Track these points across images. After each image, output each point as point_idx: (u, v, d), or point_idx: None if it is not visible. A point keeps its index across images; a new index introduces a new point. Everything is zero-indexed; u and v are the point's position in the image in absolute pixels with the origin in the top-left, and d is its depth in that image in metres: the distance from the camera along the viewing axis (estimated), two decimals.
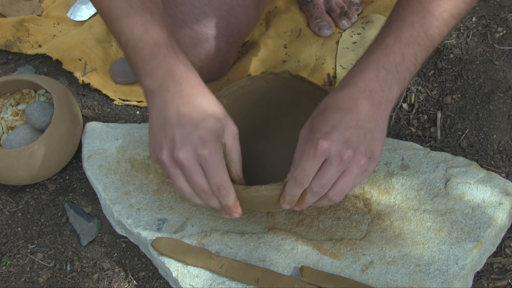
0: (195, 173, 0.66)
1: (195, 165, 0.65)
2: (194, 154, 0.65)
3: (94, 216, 0.90)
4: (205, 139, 0.65)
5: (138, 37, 0.67)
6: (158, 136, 0.67)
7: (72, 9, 1.19)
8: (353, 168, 0.64)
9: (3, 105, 0.98)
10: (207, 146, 0.65)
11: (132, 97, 1.04)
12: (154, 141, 0.67)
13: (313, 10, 1.09)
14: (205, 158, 0.65)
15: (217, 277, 0.75)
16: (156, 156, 0.67)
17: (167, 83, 0.67)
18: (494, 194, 0.78)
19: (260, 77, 0.83)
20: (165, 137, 0.66)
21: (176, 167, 0.66)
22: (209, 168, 0.65)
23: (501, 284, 0.77)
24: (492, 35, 1.01)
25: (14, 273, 0.86)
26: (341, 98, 0.66)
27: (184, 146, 0.65)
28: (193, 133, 0.65)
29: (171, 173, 0.67)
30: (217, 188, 0.67)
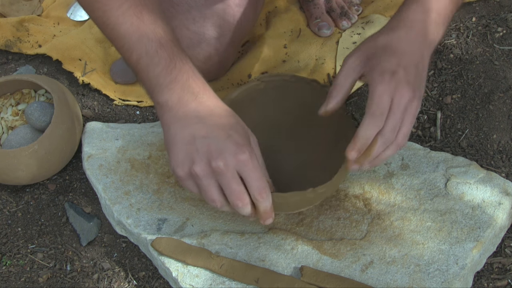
0: (234, 180, 0.65)
1: (233, 173, 0.64)
2: (233, 160, 0.64)
3: (94, 216, 0.90)
4: (241, 144, 0.65)
5: (153, 53, 0.66)
6: (187, 151, 0.65)
7: (72, 9, 1.19)
8: (412, 109, 0.66)
9: (3, 105, 0.98)
10: (245, 150, 0.64)
11: (132, 97, 1.04)
12: (181, 157, 0.65)
13: (314, 9, 1.09)
14: (245, 162, 0.64)
15: (217, 277, 0.75)
16: (188, 172, 0.65)
17: (186, 97, 0.66)
18: (494, 194, 0.78)
19: (305, 81, 0.81)
20: (197, 150, 0.64)
21: (212, 178, 0.65)
22: (250, 172, 0.65)
23: (501, 284, 0.77)
24: (492, 35, 1.01)
25: (14, 273, 0.86)
26: (400, 38, 0.68)
27: (223, 154, 0.64)
28: (227, 140, 0.64)
29: (205, 185, 0.65)
30: (259, 193, 0.65)
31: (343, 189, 0.82)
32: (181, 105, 0.66)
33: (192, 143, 0.65)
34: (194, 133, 0.65)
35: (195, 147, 0.64)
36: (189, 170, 0.65)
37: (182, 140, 0.65)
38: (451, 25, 1.04)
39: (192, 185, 0.67)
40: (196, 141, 0.65)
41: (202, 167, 0.64)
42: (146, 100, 1.03)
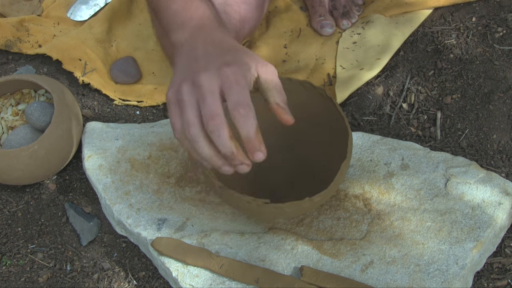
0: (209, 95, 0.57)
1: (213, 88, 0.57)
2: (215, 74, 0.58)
3: (94, 216, 0.90)
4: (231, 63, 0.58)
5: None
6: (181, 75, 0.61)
7: (72, 9, 1.19)
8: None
9: (3, 105, 0.98)
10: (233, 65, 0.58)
11: (132, 97, 1.04)
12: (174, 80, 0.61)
13: (319, 7, 1.09)
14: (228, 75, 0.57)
15: (217, 277, 0.75)
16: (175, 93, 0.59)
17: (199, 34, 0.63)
18: (494, 194, 0.78)
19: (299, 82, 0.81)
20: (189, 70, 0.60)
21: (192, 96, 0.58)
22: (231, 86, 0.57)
23: (501, 284, 0.77)
24: (492, 35, 1.01)
25: (14, 273, 0.86)
26: None
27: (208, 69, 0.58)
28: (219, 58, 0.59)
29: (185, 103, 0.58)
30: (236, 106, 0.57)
31: (343, 189, 0.82)
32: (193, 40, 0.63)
33: (188, 66, 0.61)
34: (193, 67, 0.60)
35: (189, 68, 0.60)
36: (177, 90, 0.59)
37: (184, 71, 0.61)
38: (451, 25, 1.04)
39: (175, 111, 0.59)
40: (191, 63, 0.61)
41: (188, 85, 0.58)
42: (146, 100, 1.03)
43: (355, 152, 0.86)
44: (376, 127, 0.94)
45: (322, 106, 0.80)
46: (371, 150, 0.86)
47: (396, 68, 1.00)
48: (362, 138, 0.87)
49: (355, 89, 0.98)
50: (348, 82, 0.98)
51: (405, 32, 1.04)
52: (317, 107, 0.81)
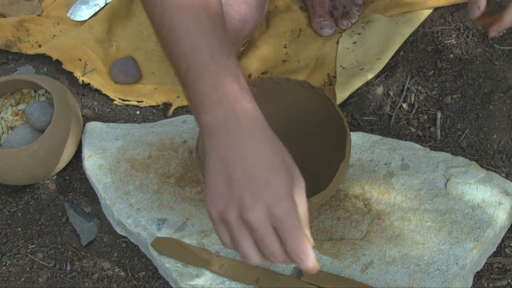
0: (267, 237, 0.55)
1: (268, 228, 0.55)
2: (267, 214, 0.55)
3: (94, 216, 0.90)
4: (279, 194, 0.56)
5: (203, 66, 0.59)
6: (222, 191, 0.57)
7: (72, 9, 1.19)
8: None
9: (3, 105, 0.98)
10: (283, 202, 0.55)
11: (132, 97, 1.04)
12: (216, 196, 0.57)
13: (318, 8, 1.09)
14: (280, 218, 0.55)
15: (217, 277, 0.75)
16: (220, 215, 0.57)
17: (230, 123, 0.58)
18: (494, 194, 0.78)
19: (298, 82, 0.81)
20: (231, 193, 0.56)
21: (244, 230, 0.56)
22: (286, 230, 0.55)
23: (501, 284, 0.77)
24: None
25: (14, 273, 0.86)
26: None
27: (256, 205, 0.55)
28: (265, 188, 0.56)
29: (237, 236, 0.56)
30: (296, 256, 0.56)
31: (343, 189, 0.82)
32: (223, 131, 0.58)
33: (228, 183, 0.57)
34: (231, 172, 0.57)
35: (230, 190, 0.56)
36: (221, 215, 0.57)
37: (219, 176, 0.57)
38: (451, 25, 1.04)
39: (224, 232, 0.58)
40: (232, 183, 0.56)
41: (234, 215, 0.56)
42: (146, 100, 1.03)
43: (355, 152, 0.86)
44: (376, 127, 0.94)
45: (320, 106, 0.80)
46: (371, 150, 0.86)
47: (396, 68, 1.00)
48: (362, 138, 0.87)
49: (355, 89, 0.98)
50: (348, 82, 0.98)
51: (405, 32, 1.04)
52: (316, 107, 0.81)
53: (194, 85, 0.59)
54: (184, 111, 1.01)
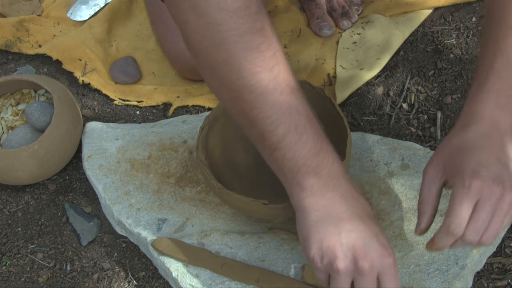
0: (371, 283, 0.61)
1: (374, 275, 0.61)
2: (378, 263, 0.61)
3: (94, 216, 0.90)
4: (386, 246, 0.62)
5: (302, 129, 0.61)
6: (330, 243, 0.61)
7: (72, 9, 1.19)
8: (503, 205, 0.61)
9: (3, 105, 0.98)
10: (391, 253, 0.62)
11: (132, 97, 1.04)
12: (324, 247, 0.61)
13: (315, 9, 1.09)
14: (389, 267, 0.61)
15: (217, 277, 0.75)
16: (328, 263, 0.61)
17: (332, 182, 0.62)
18: None
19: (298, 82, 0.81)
20: (342, 244, 0.60)
21: (350, 277, 0.61)
22: (390, 279, 0.62)
23: (501, 284, 0.77)
24: None
25: (14, 273, 0.86)
26: (473, 136, 0.64)
27: (369, 254, 0.60)
28: (374, 239, 0.61)
29: (341, 281, 0.61)
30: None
31: None
32: (326, 190, 0.62)
33: (337, 235, 0.61)
34: (339, 225, 0.61)
35: (340, 241, 0.60)
36: (330, 263, 0.61)
37: (327, 230, 0.61)
38: (451, 25, 1.04)
39: (325, 276, 0.63)
40: (342, 234, 0.61)
41: (347, 263, 0.60)
42: (146, 100, 1.03)
43: (355, 152, 0.86)
44: (376, 127, 0.94)
45: (321, 106, 0.80)
46: (371, 150, 0.86)
47: (396, 68, 1.00)
48: (362, 138, 0.87)
49: (355, 89, 0.98)
50: (348, 82, 0.98)
51: (405, 32, 1.04)
52: (316, 107, 0.81)
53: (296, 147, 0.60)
54: (184, 111, 1.01)
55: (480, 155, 0.62)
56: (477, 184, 0.60)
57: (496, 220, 0.61)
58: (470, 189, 0.60)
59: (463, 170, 0.62)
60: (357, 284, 0.62)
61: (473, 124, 0.65)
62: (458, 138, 0.65)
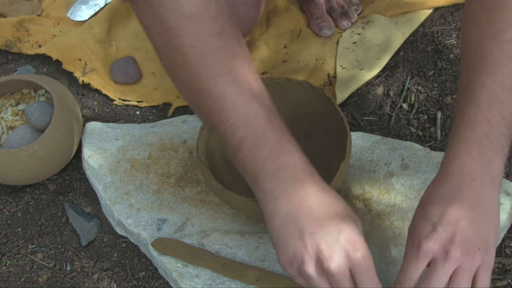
0: (345, 281, 0.59)
1: (347, 273, 0.59)
2: (345, 260, 0.58)
3: (94, 216, 0.90)
4: (354, 240, 0.59)
5: (260, 132, 0.59)
6: (296, 248, 0.59)
7: (72, 9, 1.19)
8: (466, 264, 0.59)
9: (3, 105, 0.98)
10: (359, 247, 0.59)
11: (132, 97, 1.04)
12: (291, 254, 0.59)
13: (314, 10, 1.09)
14: (359, 262, 0.59)
15: (217, 277, 0.75)
16: (298, 270, 0.59)
17: (294, 185, 0.60)
18: None
19: (298, 82, 0.81)
20: (306, 248, 0.58)
21: (324, 279, 0.59)
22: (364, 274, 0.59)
23: (501, 284, 0.77)
24: None
25: (14, 273, 0.86)
26: (441, 190, 0.63)
27: (334, 254, 0.58)
28: (339, 236, 0.58)
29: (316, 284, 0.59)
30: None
31: (343, 189, 0.82)
32: (289, 194, 0.60)
33: (300, 238, 0.59)
34: (302, 228, 0.59)
35: (304, 244, 0.58)
36: (299, 269, 0.59)
37: (290, 234, 0.59)
38: (451, 25, 1.04)
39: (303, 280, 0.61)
40: (305, 237, 0.58)
41: (313, 267, 0.58)
42: (146, 100, 1.03)
43: (355, 152, 0.86)
44: (376, 127, 0.94)
45: (321, 106, 0.80)
46: (371, 150, 0.86)
47: (396, 68, 1.00)
48: (362, 138, 0.87)
49: (355, 89, 0.98)
50: (348, 82, 0.98)
51: (405, 32, 1.04)
52: (316, 107, 0.81)
53: (254, 151, 0.59)
54: (184, 111, 1.01)
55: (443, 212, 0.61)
56: (426, 245, 0.60)
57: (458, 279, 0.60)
58: (419, 251, 0.60)
59: (420, 229, 0.61)
60: (332, 284, 0.60)
61: (444, 178, 0.63)
62: (429, 193, 0.64)
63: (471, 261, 0.59)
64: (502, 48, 0.61)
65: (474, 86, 0.62)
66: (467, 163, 0.61)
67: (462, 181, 0.61)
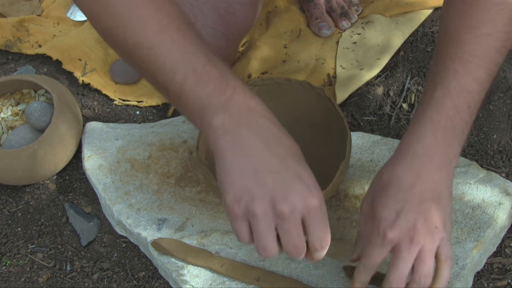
0: (296, 228, 0.56)
1: (298, 219, 0.56)
2: (300, 206, 0.56)
3: (94, 216, 0.90)
4: (311, 186, 0.57)
5: (201, 69, 0.57)
6: (247, 185, 0.56)
7: (72, 9, 1.19)
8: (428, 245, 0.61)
9: (3, 105, 0.98)
10: (316, 194, 0.57)
11: (132, 97, 1.04)
12: (240, 190, 0.56)
13: (314, 10, 1.09)
14: (314, 209, 0.56)
15: (217, 277, 0.75)
16: (245, 209, 0.56)
17: (245, 119, 0.58)
18: (494, 194, 0.78)
19: (298, 82, 0.81)
20: (260, 185, 0.55)
21: (271, 222, 0.56)
22: (317, 221, 0.57)
23: (501, 284, 0.77)
24: None
25: (14, 273, 0.86)
26: (402, 172, 0.63)
27: (290, 197, 0.55)
28: (297, 180, 0.56)
29: (261, 228, 0.56)
30: (320, 244, 0.58)
31: (343, 189, 0.82)
32: (240, 128, 0.57)
33: (254, 176, 0.56)
34: (257, 165, 0.56)
35: (258, 182, 0.55)
36: (247, 207, 0.56)
37: (242, 170, 0.56)
38: None
39: (244, 227, 0.58)
40: (259, 175, 0.56)
41: (264, 206, 0.55)
42: (146, 100, 1.03)
43: (355, 152, 0.86)
44: (376, 127, 0.94)
45: (321, 106, 0.80)
46: (371, 150, 0.86)
47: (396, 68, 1.00)
48: (362, 138, 0.87)
49: (355, 89, 0.98)
50: (348, 82, 0.98)
51: (405, 32, 1.04)
52: (316, 107, 0.81)
53: (198, 88, 0.57)
54: None
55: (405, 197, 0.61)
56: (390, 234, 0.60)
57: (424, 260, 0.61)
58: (384, 239, 0.61)
59: (383, 216, 0.61)
60: (280, 230, 0.57)
61: (405, 158, 0.63)
62: (389, 173, 0.64)
63: (432, 241, 0.61)
64: (479, 40, 0.62)
65: (447, 72, 0.63)
66: (430, 146, 0.62)
67: (424, 164, 0.62)
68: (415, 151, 0.63)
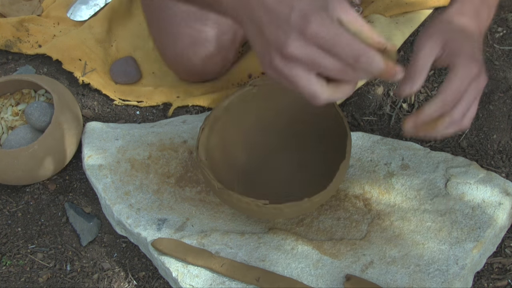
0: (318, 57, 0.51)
1: (313, 50, 0.51)
2: (303, 38, 0.51)
3: (94, 216, 0.90)
4: (306, 15, 0.50)
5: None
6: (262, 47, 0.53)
7: (72, 9, 1.19)
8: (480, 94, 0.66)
9: (3, 105, 0.98)
10: (312, 19, 0.50)
11: (132, 97, 1.04)
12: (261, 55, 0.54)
13: None
14: (316, 34, 0.50)
15: (217, 277, 0.75)
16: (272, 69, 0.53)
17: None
18: (494, 194, 0.78)
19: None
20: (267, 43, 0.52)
21: (293, 66, 0.52)
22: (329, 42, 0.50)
23: (501, 284, 0.77)
24: (492, 35, 1.01)
25: (14, 273, 0.86)
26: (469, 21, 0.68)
27: (289, 36, 0.51)
28: (290, 17, 0.51)
29: (290, 77, 0.53)
30: (355, 60, 0.51)
31: (343, 189, 0.82)
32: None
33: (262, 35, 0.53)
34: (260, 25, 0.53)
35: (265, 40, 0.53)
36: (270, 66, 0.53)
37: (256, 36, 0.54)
38: None
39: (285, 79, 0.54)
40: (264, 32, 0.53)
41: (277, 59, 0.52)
42: (146, 100, 1.03)
43: (355, 152, 0.86)
44: (376, 127, 0.94)
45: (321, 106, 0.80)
46: (371, 150, 0.86)
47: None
48: (362, 138, 0.87)
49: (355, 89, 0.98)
50: None
51: (405, 32, 1.04)
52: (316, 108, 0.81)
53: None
54: (184, 111, 1.01)
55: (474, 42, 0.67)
56: (475, 68, 0.64)
57: (474, 106, 0.65)
58: (471, 71, 0.63)
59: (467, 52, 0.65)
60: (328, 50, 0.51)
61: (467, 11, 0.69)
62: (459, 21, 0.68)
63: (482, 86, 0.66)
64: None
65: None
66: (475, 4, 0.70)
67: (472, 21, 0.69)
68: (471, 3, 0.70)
